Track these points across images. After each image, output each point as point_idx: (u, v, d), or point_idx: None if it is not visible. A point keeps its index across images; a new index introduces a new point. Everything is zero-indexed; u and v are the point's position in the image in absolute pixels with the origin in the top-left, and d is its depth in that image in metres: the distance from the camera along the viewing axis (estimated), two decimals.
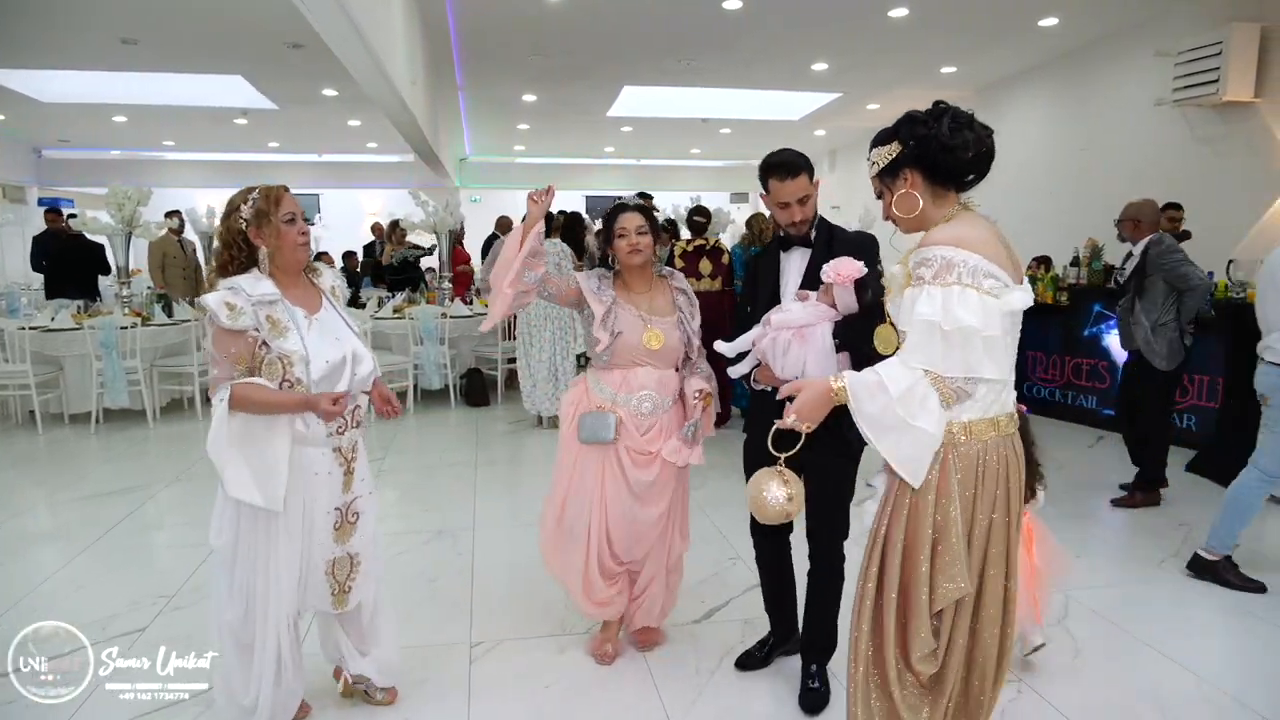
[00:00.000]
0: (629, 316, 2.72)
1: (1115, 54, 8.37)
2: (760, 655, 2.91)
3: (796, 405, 1.83)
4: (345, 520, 2.43)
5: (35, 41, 7.98)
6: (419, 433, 6.56)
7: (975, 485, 1.76)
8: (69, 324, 6.69)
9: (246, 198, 2.27)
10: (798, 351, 2.37)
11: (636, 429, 2.75)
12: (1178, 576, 3.66)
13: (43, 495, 5.06)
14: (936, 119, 1.72)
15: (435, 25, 7.89)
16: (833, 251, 2.44)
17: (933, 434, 1.67)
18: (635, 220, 2.74)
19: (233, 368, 2.18)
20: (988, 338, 1.64)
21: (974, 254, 1.66)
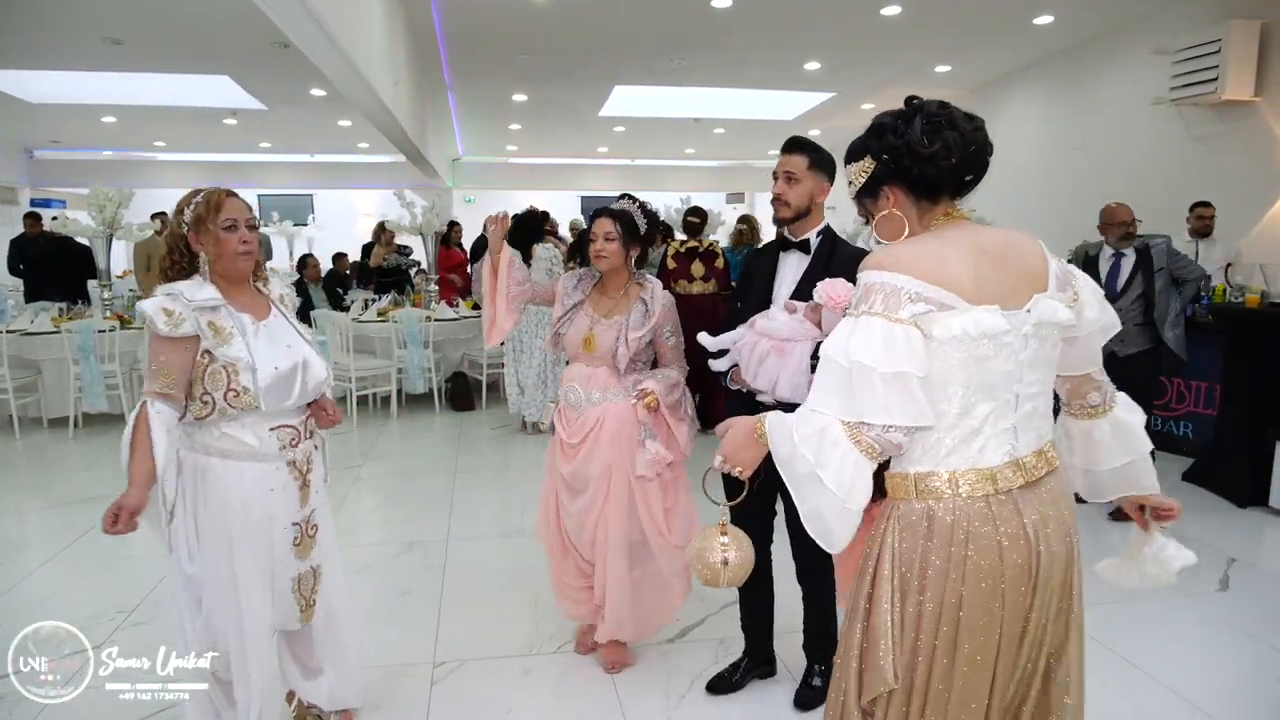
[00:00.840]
0: (582, 317, 2.82)
1: (1111, 52, 8.26)
2: (732, 679, 2.79)
3: (723, 445, 1.57)
4: (305, 535, 2.33)
5: (21, 41, 7.89)
6: (401, 438, 6.45)
7: (923, 554, 1.43)
8: (48, 327, 6.59)
9: (191, 201, 2.16)
10: (773, 365, 2.30)
11: (565, 421, 2.85)
12: (1170, 595, 3.54)
13: (15, 501, 4.96)
14: (908, 123, 1.47)
15: (420, 25, 7.79)
16: (831, 265, 2.37)
17: (835, 489, 1.36)
18: (604, 226, 2.75)
19: (155, 380, 2.04)
20: (891, 375, 1.34)
21: (902, 275, 1.39)
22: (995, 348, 1.41)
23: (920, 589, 1.43)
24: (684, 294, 6.14)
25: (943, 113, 1.46)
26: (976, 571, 1.40)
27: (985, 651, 1.42)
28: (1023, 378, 1.45)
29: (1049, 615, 1.49)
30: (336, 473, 5.38)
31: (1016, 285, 1.45)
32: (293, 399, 2.22)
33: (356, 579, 3.71)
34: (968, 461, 1.43)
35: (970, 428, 1.43)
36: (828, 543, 1.42)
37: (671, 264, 6.21)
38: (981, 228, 1.54)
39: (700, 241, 6.28)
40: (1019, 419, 1.46)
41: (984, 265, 1.43)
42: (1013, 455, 1.45)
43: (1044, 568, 1.44)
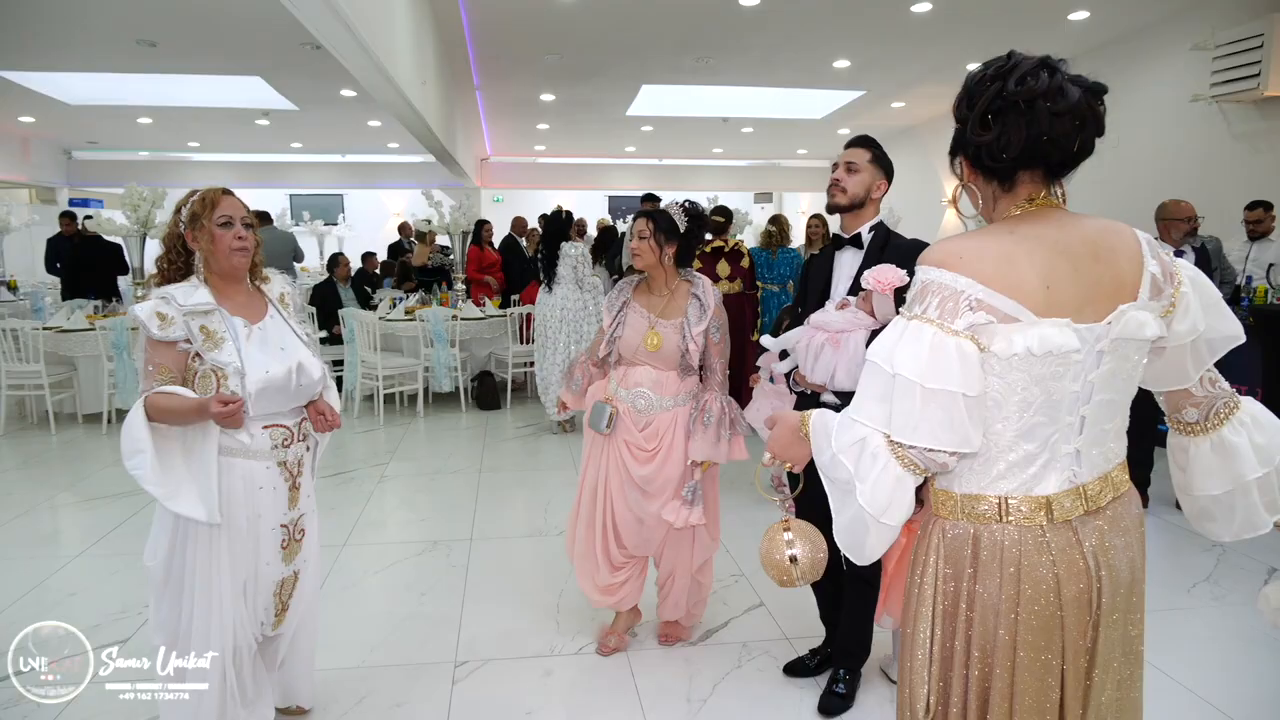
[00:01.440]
0: (636, 317, 2.85)
1: (1149, 48, 8.08)
2: (811, 664, 2.83)
3: (770, 442, 1.51)
4: (292, 538, 2.31)
5: (59, 45, 8.02)
6: (427, 436, 6.47)
7: (967, 580, 1.32)
8: (83, 325, 6.70)
9: (188, 200, 2.17)
10: (829, 357, 2.35)
11: (634, 424, 2.84)
12: (1209, 604, 3.45)
13: (49, 496, 5.03)
14: (977, 92, 1.29)
15: (448, 26, 7.81)
16: (884, 258, 2.38)
17: (869, 505, 1.26)
18: (639, 225, 2.84)
19: (151, 380, 2.05)
20: (936, 392, 1.21)
21: (964, 276, 1.23)
22: (1062, 367, 1.25)
23: (967, 622, 1.32)
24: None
25: (1019, 90, 1.24)
26: (1031, 605, 1.28)
27: (1047, 687, 1.30)
28: (1091, 398, 1.29)
29: (1118, 654, 1.38)
30: (362, 470, 5.41)
31: (1098, 293, 1.28)
32: (286, 400, 2.22)
33: (379, 576, 3.73)
34: (1021, 487, 1.30)
35: (1027, 452, 1.29)
36: (856, 555, 1.33)
37: (697, 264, 6.16)
38: (1071, 220, 1.33)
39: (726, 241, 6.22)
40: (1084, 442, 1.31)
41: (1061, 269, 1.26)
42: (1073, 482, 1.31)
43: (1107, 597, 1.32)
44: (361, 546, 4.07)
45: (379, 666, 2.88)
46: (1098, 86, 1.27)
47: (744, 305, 6.25)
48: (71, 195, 15.46)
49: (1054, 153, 1.27)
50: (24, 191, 14.83)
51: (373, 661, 2.94)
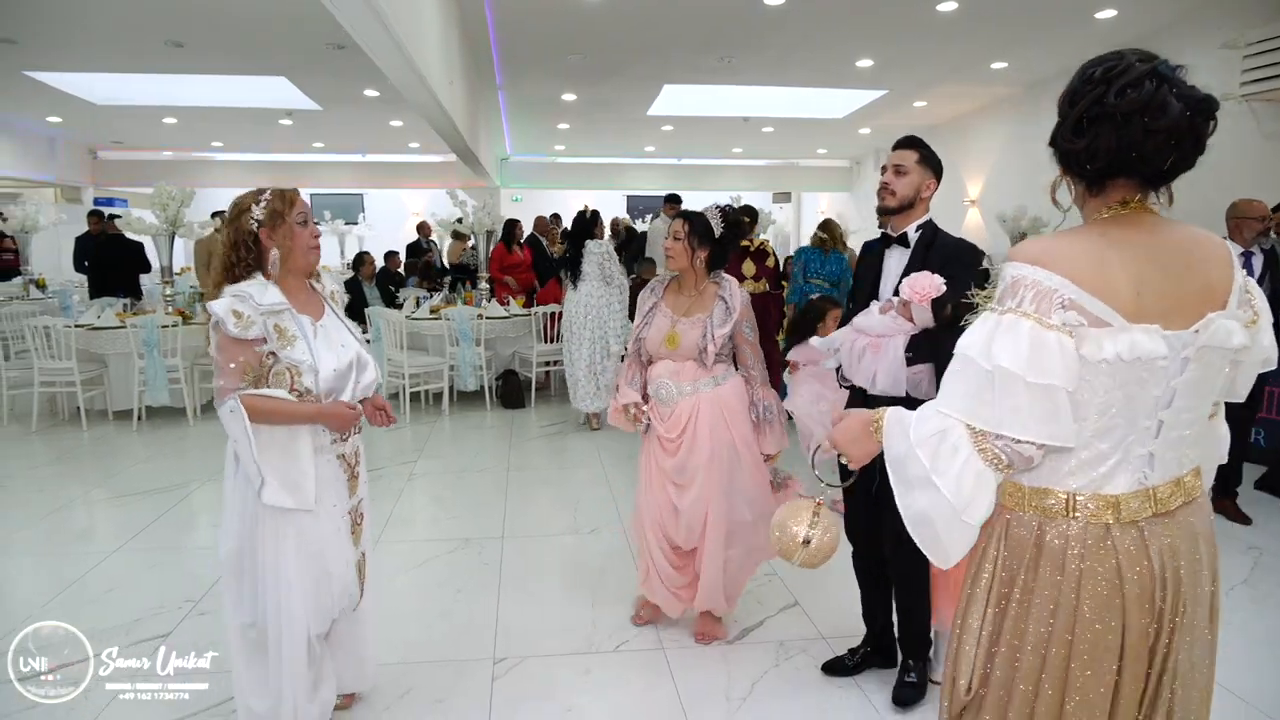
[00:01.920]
0: (661, 318, 2.97)
1: (1177, 47, 8.01)
2: (849, 664, 2.83)
3: (835, 433, 1.51)
4: (355, 523, 2.42)
5: (85, 45, 8.11)
6: (453, 435, 6.50)
7: (1027, 571, 1.33)
8: (113, 322, 6.77)
9: (258, 198, 2.21)
10: (870, 361, 2.39)
11: (660, 417, 2.96)
12: (1247, 607, 3.43)
13: (83, 492, 5.10)
14: (1077, 97, 1.29)
15: (474, 25, 7.84)
16: (929, 257, 2.42)
17: (951, 498, 1.26)
18: (675, 225, 2.93)
19: (240, 378, 2.11)
20: (1038, 386, 1.21)
21: (1058, 275, 1.23)
22: (1148, 373, 1.25)
23: (1022, 612, 1.33)
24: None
25: (1119, 101, 1.23)
26: (1092, 603, 1.28)
27: (1103, 686, 1.29)
28: (1172, 403, 1.29)
29: (1204, 661, 1.36)
30: (391, 468, 5.44)
31: (1187, 300, 1.27)
32: (348, 397, 2.28)
33: (413, 574, 3.76)
34: (1090, 485, 1.30)
35: (1100, 451, 1.29)
36: (937, 557, 1.33)
37: None
38: (1163, 226, 1.32)
39: (751, 240, 6.23)
40: (1159, 446, 1.30)
41: (1151, 275, 1.26)
42: (1143, 484, 1.30)
43: (1170, 602, 1.30)
44: (394, 544, 4.09)
45: (419, 663, 2.90)
46: (1208, 104, 1.24)
47: (769, 305, 6.25)
48: (96, 195, 15.63)
49: (1143, 167, 1.27)
50: (50, 191, 15.01)
51: (413, 658, 2.96)
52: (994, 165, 11.63)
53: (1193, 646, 1.34)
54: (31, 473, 5.48)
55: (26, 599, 3.50)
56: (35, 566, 3.86)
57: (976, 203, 12.04)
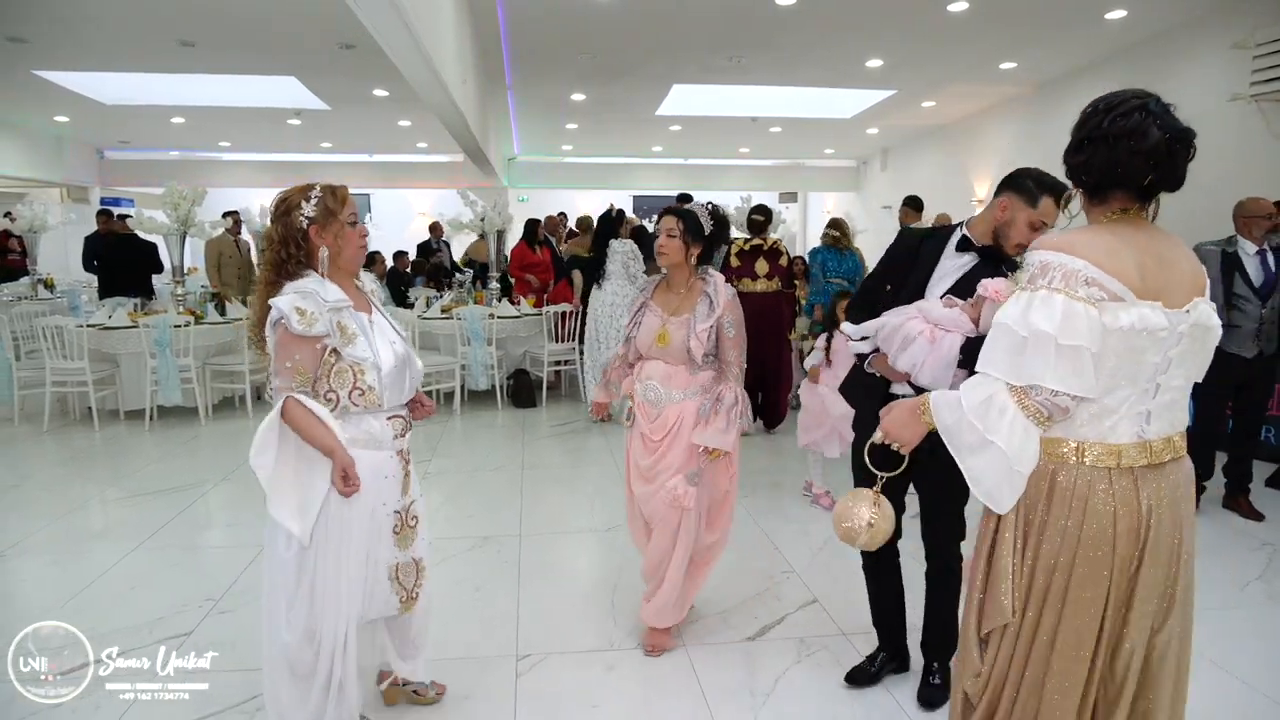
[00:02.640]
0: (651, 316, 2.95)
1: (1187, 47, 8.01)
2: (871, 671, 2.80)
3: (885, 423, 1.75)
4: (405, 524, 2.38)
5: (95, 44, 8.13)
6: (465, 435, 6.51)
7: (1041, 510, 1.60)
8: (125, 322, 6.79)
9: (308, 195, 2.17)
10: (921, 348, 2.30)
11: (645, 416, 2.95)
12: (1263, 603, 3.43)
13: (97, 492, 5.11)
14: (1083, 123, 1.61)
15: (485, 25, 7.86)
16: (998, 272, 2.35)
17: (1008, 450, 1.52)
18: (668, 223, 2.90)
19: (291, 377, 2.10)
20: (1068, 347, 1.47)
21: (1079, 259, 1.51)
22: (1150, 341, 1.53)
23: (1039, 542, 1.60)
24: (747, 292, 6.10)
25: (1110, 127, 1.54)
26: (1091, 532, 1.55)
27: (1094, 604, 1.57)
28: (1168, 370, 1.56)
29: (1156, 594, 1.61)
30: None
31: (1176, 286, 1.55)
32: (404, 393, 2.29)
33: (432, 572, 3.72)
34: (1097, 435, 1.57)
35: (1106, 406, 1.55)
36: (996, 504, 1.60)
37: (735, 262, 6.17)
38: (1152, 228, 1.61)
39: (764, 239, 6.23)
40: (1155, 405, 1.58)
41: (1149, 264, 1.54)
42: (1141, 437, 1.57)
43: (1152, 541, 1.57)
44: None
45: (443, 660, 2.91)
46: (1184, 135, 1.55)
47: (781, 304, 6.26)
48: (103, 194, 15.66)
49: (1128, 183, 1.56)
50: (56, 191, 15.05)
51: (436, 655, 2.96)
52: (1002, 165, 11.62)
53: (1160, 579, 1.62)
54: (44, 473, 5.50)
55: (45, 599, 3.51)
56: (52, 567, 3.86)
57: (984, 202, 12.04)
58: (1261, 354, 4.29)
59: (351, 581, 2.23)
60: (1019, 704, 1.65)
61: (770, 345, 6.17)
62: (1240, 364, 4.20)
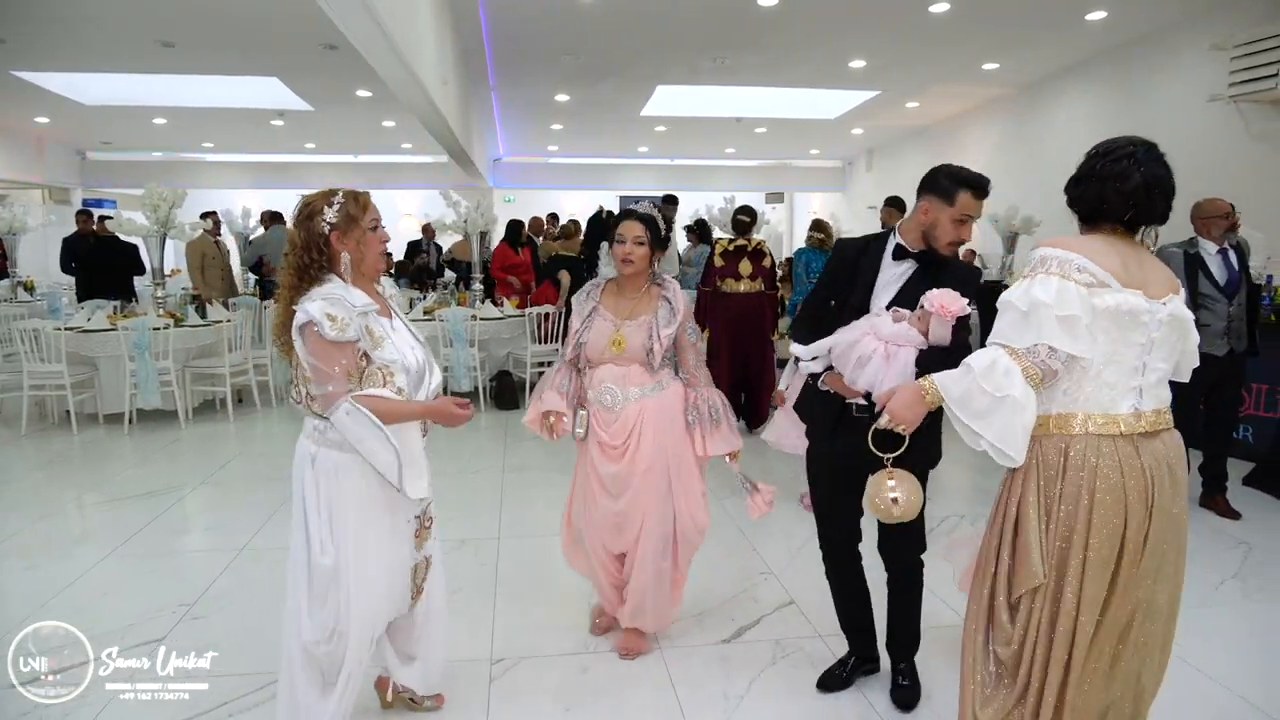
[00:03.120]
0: (602, 322, 2.85)
1: (1167, 48, 8.07)
2: (842, 675, 2.78)
3: (891, 406, 1.95)
4: (423, 527, 2.42)
5: (75, 44, 8.07)
6: (447, 436, 6.43)
7: (1059, 481, 1.82)
8: (104, 325, 6.73)
9: (330, 200, 2.18)
10: (878, 367, 2.31)
11: (603, 423, 2.85)
12: (1238, 602, 3.45)
13: (74, 496, 5.07)
14: (1088, 164, 1.90)
15: (467, 26, 7.84)
16: (940, 278, 2.35)
17: (1020, 401, 1.75)
18: (634, 229, 2.79)
19: (346, 379, 2.11)
20: (1064, 316, 1.74)
21: (1073, 253, 1.80)
22: (1134, 324, 1.81)
23: (1058, 509, 1.82)
24: (731, 293, 6.12)
25: (1100, 169, 1.86)
26: (1103, 491, 1.78)
27: (1108, 560, 1.80)
28: (1151, 351, 1.85)
29: (1160, 552, 1.84)
30: None
31: (1154, 283, 1.85)
32: (423, 395, 2.29)
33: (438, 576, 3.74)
34: (1100, 407, 1.82)
35: (1106, 381, 1.82)
36: (1012, 458, 1.81)
37: (719, 262, 6.17)
38: (1133, 243, 1.91)
39: (749, 240, 6.23)
40: (1144, 383, 1.85)
41: (1131, 263, 1.84)
42: (1136, 409, 1.84)
43: (1156, 498, 1.81)
44: None
45: None
46: (1163, 184, 1.84)
47: (765, 305, 6.26)
48: (85, 196, 15.55)
49: (1110, 216, 1.87)
50: (37, 192, 14.93)
51: None
52: (986, 166, 11.58)
53: (1167, 529, 1.84)
54: (22, 477, 5.45)
55: (20, 604, 3.47)
56: (28, 571, 3.82)
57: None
58: (1233, 352, 4.32)
59: (382, 585, 2.27)
60: (1054, 658, 1.85)
61: (753, 346, 6.18)
62: (1212, 362, 4.21)
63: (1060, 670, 1.84)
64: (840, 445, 2.49)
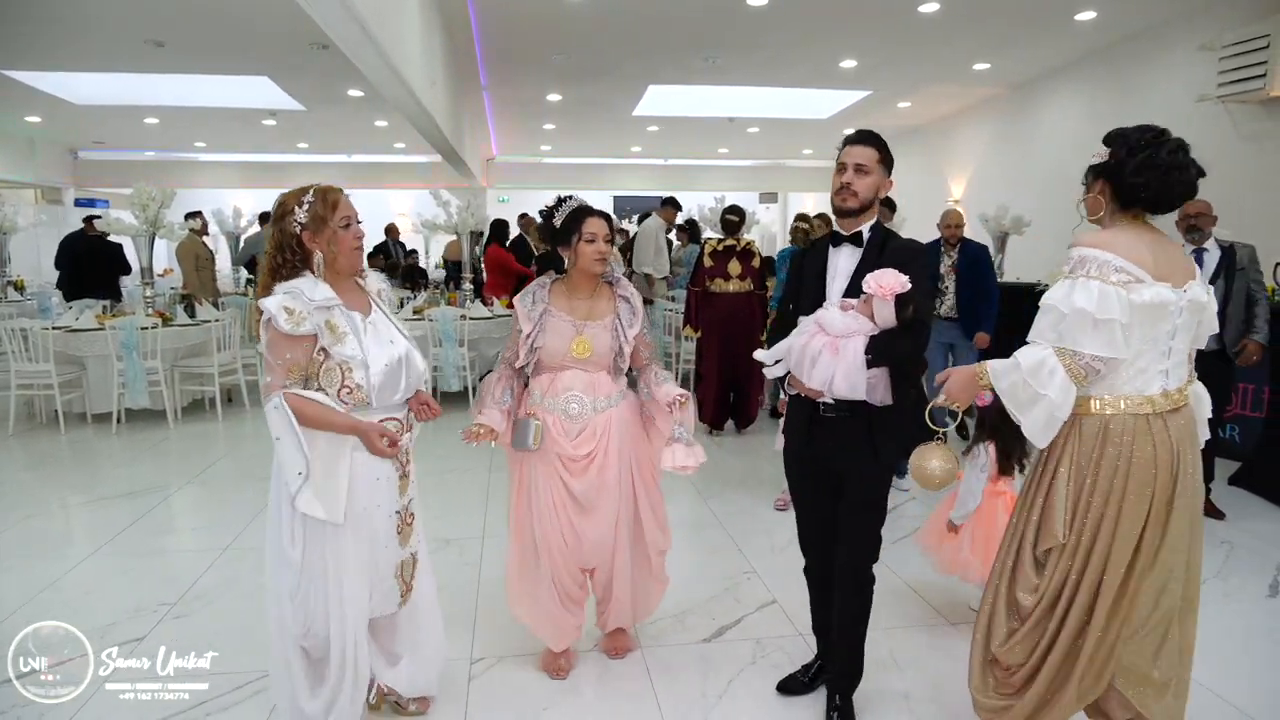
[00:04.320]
0: (559, 323, 2.68)
1: (1156, 48, 8.09)
2: (804, 680, 2.75)
3: (948, 387, 2.14)
4: (405, 523, 2.42)
5: (66, 44, 8.05)
6: (435, 436, 6.47)
7: (1097, 454, 2.01)
8: (92, 324, 6.71)
9: (301, 200, 2.20)
10: (828, 362, 2.32)
11: (565, 434, 2.68)
12: (1219, 601, 3.46)
13: (60, 495, 5.06)
14: (1137, 150, 1.97)
15: (457, 26, 7.83)
16: (883, 258, 2.35)
17: (1056, 401, 1.95)
18: (603, 228, 2.68)
19: (286, 375, 2.13)
20: (1103, 320, 1.90)
21: (1109, 253, 1.95)
22: (1163, 313, 1.98)
23: (1094, 478, 2.02)
24: (720, 292, 6.13)
25: (1169, 158, 1.95)
26: (1138, 462, 1.99)
27: (1136, 524, 2.00)
28: (1175, 335, 2.03)
29: (1191, 509, 2.05)
30: None
31: (1176, 271, 2.01)
32: (399, 393, 2.29)
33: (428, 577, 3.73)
34: (1135, 389, 2.02)
35: (1139, 366, 2.01)
36: (1040, 441, 2.05)
37: (708, 262, 6.18)
38: (1153, 229, 2.05)
39: (738, 240, 6.23)
40: (1169, 364, 2.05)
41: (1159, 254, 1.99)
42: (1164, 388, 2.04)
43: (1183, 467, 2.02)
44: None
45: None
46: (1200, 174, 2.00)
47: (753, 304, 6.26)
48: (78, 195, 15.51)
49: (1162, 203, 2.01)
50: (29, 192, 14.89)
51: None
52: (977, 165, 11.70)
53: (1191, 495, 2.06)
54: (8, 477, 5.43)
55: (2, 603, 3.47)
56: (11, 570, 3.81)
57: (960, 202, 12.10)
58: (1224, 349, 4.33)
59: (355, 584, 2.25)
60: (1076, 605, 2.05)
61: (742, 346, 6.16)
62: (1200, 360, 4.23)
63: (1082, 615, 2.04)
64: (815, 445, 2.48)
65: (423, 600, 2.55)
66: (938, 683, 2.80)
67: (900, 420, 2.39)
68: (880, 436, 2.38)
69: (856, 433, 2.38)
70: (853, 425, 2.39)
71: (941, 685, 2.78)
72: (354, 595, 2.26)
